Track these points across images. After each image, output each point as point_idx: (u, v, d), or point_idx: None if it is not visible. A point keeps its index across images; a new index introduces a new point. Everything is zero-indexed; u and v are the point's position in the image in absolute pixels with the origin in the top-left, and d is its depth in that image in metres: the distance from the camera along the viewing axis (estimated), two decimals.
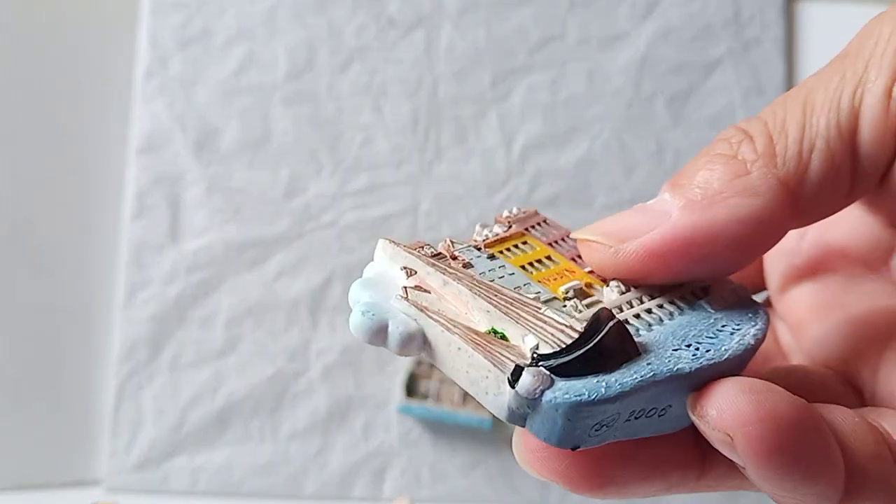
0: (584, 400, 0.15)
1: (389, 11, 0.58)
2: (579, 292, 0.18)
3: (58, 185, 0.56)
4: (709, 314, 0.18)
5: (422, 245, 0.20)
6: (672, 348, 0.17)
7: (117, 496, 0.54)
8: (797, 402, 0.15)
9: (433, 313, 0.17)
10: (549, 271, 0.19)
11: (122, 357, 0.55)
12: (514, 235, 0.20)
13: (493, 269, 0.19)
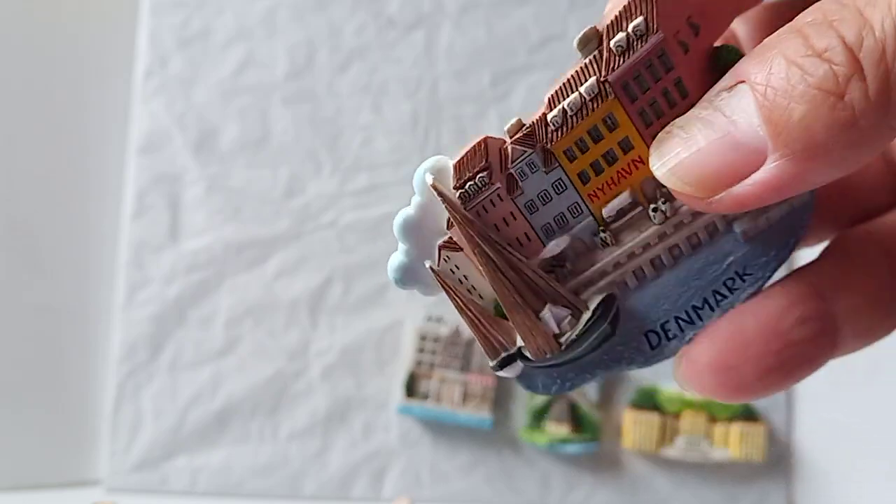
0: (538, 392, 0.19)
1: (389, 11, 0.58)
2: (621, 213, 0.18)
3: (58, 186, 0.56)
4: (733, 248, 0.18)
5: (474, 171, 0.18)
6: (645, 329, 0.19)
7: (117, 496, 0.54)
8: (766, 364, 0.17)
9: (453, 288, 0.19)
10: (609, 171, 0.18)
11: (121, 357, 0.55)
12: (598, 110, 0.18)
13: (544, 191, 0.18)
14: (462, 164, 0.19)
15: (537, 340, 0.19)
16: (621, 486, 0.56)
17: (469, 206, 0.19)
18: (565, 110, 0.18)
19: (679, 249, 0.18)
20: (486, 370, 0.55)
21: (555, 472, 0.56)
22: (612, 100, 0.17)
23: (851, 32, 0.14)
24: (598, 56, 0.17)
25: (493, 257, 0.18)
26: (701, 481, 0.56)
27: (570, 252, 0.19)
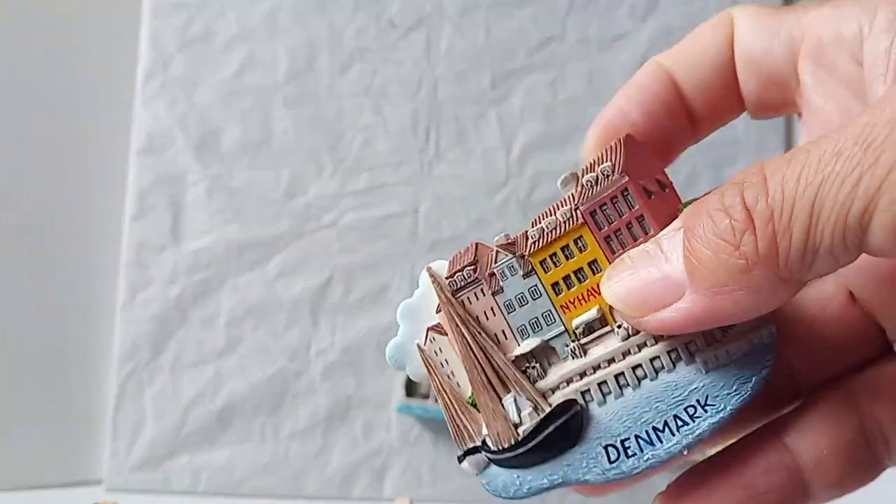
0: (499, 493, 0.21)
1: (390, 13, 0.58)
2: (590, 328, 0.21)
3: (59, 186, 0.56)
4: (695, 377, 0.19)
5: (463, 265, 0.22)
6: (606, 442, 0.20)
7: (118, 496, 0.54)
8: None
9: (434, 368, 0.22)
10: (580, 288, 0.21)
11: (122, 357, 0.55)
12: (570, 231, 0.21)
13: (521, 294, 0.21)
14: (455, 258, 0.22)
15: (497, 426, 0.21)
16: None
17: (456, 295, 0.22)
18: (543, 228, 0.21)
19: (643, 370, 0.20)
20: None
21: None
22: (581, 224, 0.20)
23: (751, 194, 0.16)
24: (574, 191, 0.21)
25: (469, 340, 0.21)
26: None
27: (541, 355, 0.21)
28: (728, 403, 0.19)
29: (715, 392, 0.19)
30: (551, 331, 0.21)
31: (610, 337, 0.20)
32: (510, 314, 0.21)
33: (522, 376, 0.21)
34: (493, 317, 0.22)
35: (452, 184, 0.57)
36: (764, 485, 0.18)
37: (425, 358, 0.22)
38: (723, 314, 0.17)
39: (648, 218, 0.20)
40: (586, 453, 0.20)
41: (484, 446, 0.21)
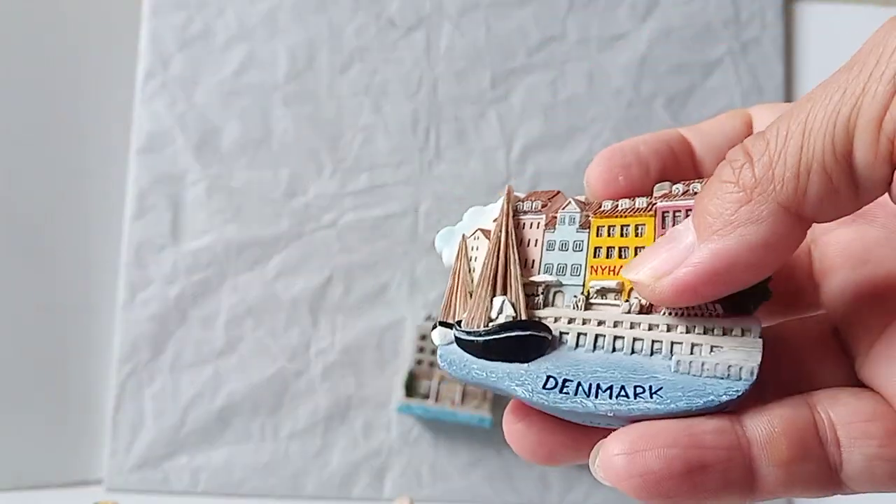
0: (445, 367, 0.23)
1: (389, 12, 0.58)
2: (602, 293, 0.22)
3: (59, 186, 0.56)
4: (662, 371, 0.20)
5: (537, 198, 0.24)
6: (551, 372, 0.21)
7: (118, 495, 0.54)
8: (671, 454, 0.18)
9: (462, 256, 0.24)
10: (614, 261, 0.22)
11: (122, 357, 0.55)
12: (637, 216, 0.22)
13: (566, 241, 0.23)
14: (534, 193, 0.25)
15: (476, 312, 0.23)
16: None
17: (516, 215, 0.24)
18: (617, 205, 0.23)
19: (622, 343, 0.21)
20: None
21: (554, 472, 0.56)
22: (651, 216, 0.22)
23: (750, 141, 0.18)
24: (662, 191, 0.22)
25: (501, 245, 0.23)
26: None
27: (550, 291, 0.23)
28: (675, 404, 0.19)
29: (670, 390, 0.20)
30: (571, 280, 0.23)
31: (614, 308, 0.22)
32: (547, 251, 0.23)
33: (523, 292, 0.23)
34: (533, 247, 0.24)
35: (452, 183, 0.57)
36: (711, 441, 0.18)
37: (462, 245, 0.24)
38: (730, 256, 0.18)
39: None
40: (530, 371, 0.21)
41: (457, 325, 0.23)
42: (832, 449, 0.18)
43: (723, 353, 0.20)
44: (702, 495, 0.18)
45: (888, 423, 0.18)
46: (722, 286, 0.18)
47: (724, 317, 0.20)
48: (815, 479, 0.18)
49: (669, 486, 0.18)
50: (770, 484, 0.18)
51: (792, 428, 0.18)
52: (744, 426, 0.19)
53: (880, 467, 0.18)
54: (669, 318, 0.21)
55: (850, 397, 0.19)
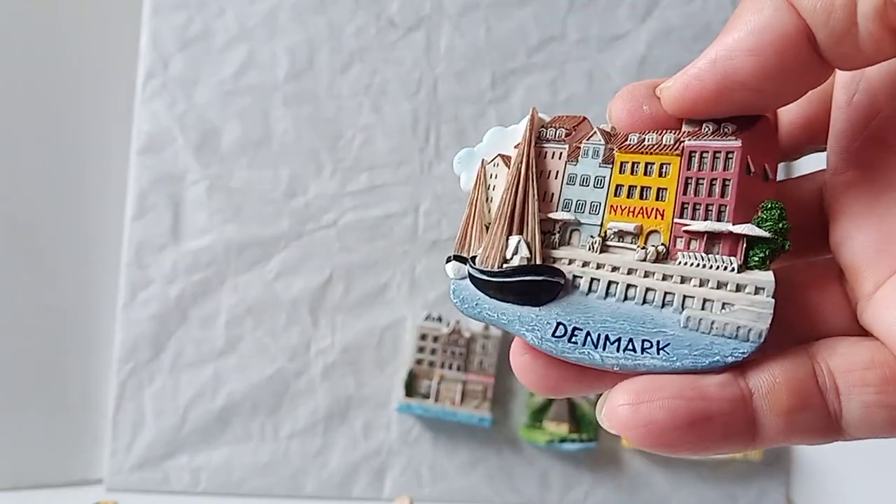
0: (457, 303, 0.22)
1: (389, 12, 0.58)
2: (620, 235, 0.22)
3: (59, 186, 0.56)
4: (671, 325, 0.20)
5: (562, 125, 0.23)
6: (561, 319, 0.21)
7: (118, 495, 0.54)
8: (675, 406, 0.18)
9: (480, 184, 0.23)
10: (635, 202, 0.22)
11: (123, 357, 0.55)
12: (663, 154, 0.22)
13: (587, 176, 0.23)
14: (559, 118, 0.24)
15: (491, 251, 0.22)
16: (620, 484, 0.57)
17: (538, 143, 0.23)
18: (644, 139, 0.22)
19: (634, 292, 0.21)
20: (485, 369, 0.56)
21: (554, 471, 0.56)
22: (677, 155, 0.21)
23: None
24: (692, 128, 0.21)
25: (521, 178, 0.23)
26: (700, 480, 0.57)
27: (567, 230, 0.22)
28: (680, 360, 0.20)
29: (677, 347, 0.20)
30: (589, 219, 0.22)
31: (630, 253, 0.21)
32: (567, 185, 0.23)
33: (540, 232, 0.22)
34: (553, 179, 0.23)
35: (452, 183, 0.57)
36: (715, 393, 0.19)
37: (481, 172, 0.23)
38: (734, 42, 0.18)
39: (733, 186, 0.20)
40: (541, 317, 0.21)
41: (472, 260, 0.22)
42: (832, 397, 0.19)
43: (734, 311, 0.20)
44: (704, 445, 0.19)
45: (885, 370, 0.19)
46: (725, 77, 0.19)
47: (738, 271, 0.20)
48: (815, 427, 0.19)
49: (673, 436, 0.18)
50: (771, 433, 0.19)
51: (792, 378, 0.19)
52: (746, 377, 0.19)
53: (878, 414, 0.18)
54: (684, 269, 0.20)
55: (849, 346, 0.19)
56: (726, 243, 0.20)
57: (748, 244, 0.20)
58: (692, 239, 0.21)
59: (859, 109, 0.20)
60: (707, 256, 0.20)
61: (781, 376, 0.19)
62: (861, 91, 0.20)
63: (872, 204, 0.20)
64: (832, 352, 0.19)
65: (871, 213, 0.20)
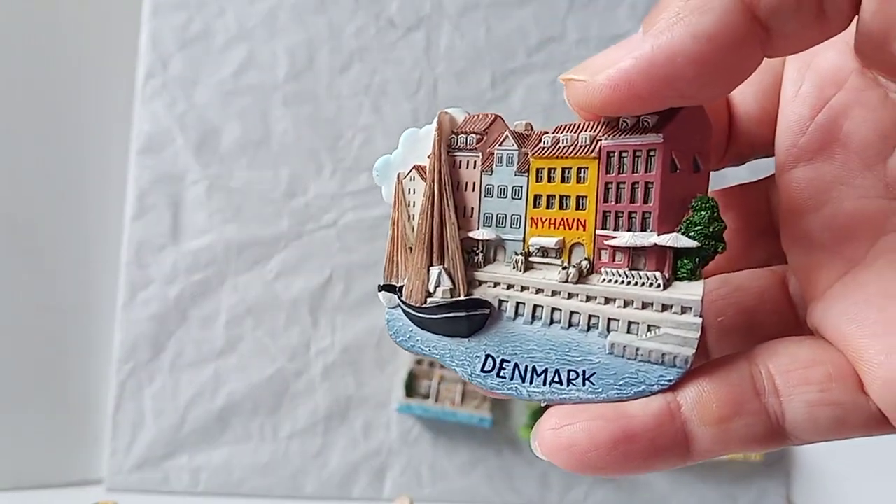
0: (391, 334, 0.22)
1: (389, 12, 0.58)
2: (543, 252, 0.21)
3: (59, 186, 0.56)
4: (597, 351, 0.20)
5: (472, 129, 0.22)
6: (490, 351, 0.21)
7: (118, 495, 0.54)
8: (595, 427, 0.18)
9: (400, 202, 0.22)
10: (555, 213, 0.21)
11: (122, 357, 0.55)
12: (580, 157, 0.20)
13: (504, 187, 0.21)
14: (470, 119, 0.22)
15: (414, 283, 0.22)
16: (620, 484, 0.57)
17: (451, 152, 0.22)
18: (559, 140, 0.20)
19: (560, 315, 0.20)
20: None
21: (554, 471, 0.56)
22: (594, 158, 0.20)
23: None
24: (609, 123, 0.19)
25: (435, 198, 0.21)
26: (699, 480, 0.57)
27: (491, 248, 0.21)
28: (605, 392, 0.19)
29: (602, 376, 0.19)
30: (510, 234, 0.21)
31: (553, 270, 0.21)
32: (485, 197, 0.22)
33: (461, 256, 0.21)
34: (470, 191, 0.22)
35: None
36: (636, 410, 0.18)
37: (398, 189, 0.22)
38: (672, 46, 0.16)
39: (656, 190, 0.19)
40: (470, 350, 0.21)
41: (400, 290, 0.22)
42: (771, 400, 0.18)
43: (659, 335, 0.19)
44: (633, 463, 0.18)
45: (829, 367, 0.18)
46: (660, 82, 0.17)
47: (665, 289, 0.19)
48: (754, 433, 0.18)
49: (596, 457, 0.18)
50: (706, 444, 0.18)
51: (723, 386, 0.18)
52: (674, 390, 0.18)
53: (822, 412, 0.18)
54: (608, 288, 0.19)
55: (790, 346, 0.19)
56: (652, 256, 0.19)
57: (676, 254, 0.19)
58: (616, 251, 0.20)
59: (807, 101, 0.19)
60: (631, 273, 0.19)
61: (710, 385, 0.18)
62: (808, 82, 0.20)
63: (821, 200, 0.19)
64: (772, 353, 0.19)
65: (820, 210, 0.19)
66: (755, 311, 0.22)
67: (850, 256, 0.19)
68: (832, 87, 0.19)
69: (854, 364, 0.18)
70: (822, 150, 0.19)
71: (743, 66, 0.17)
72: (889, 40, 0.16)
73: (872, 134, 0.19)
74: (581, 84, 0.18)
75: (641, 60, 0.17)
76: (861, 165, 0.19)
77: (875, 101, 0.19)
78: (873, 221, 0.19)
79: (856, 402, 0.17)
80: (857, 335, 0.18)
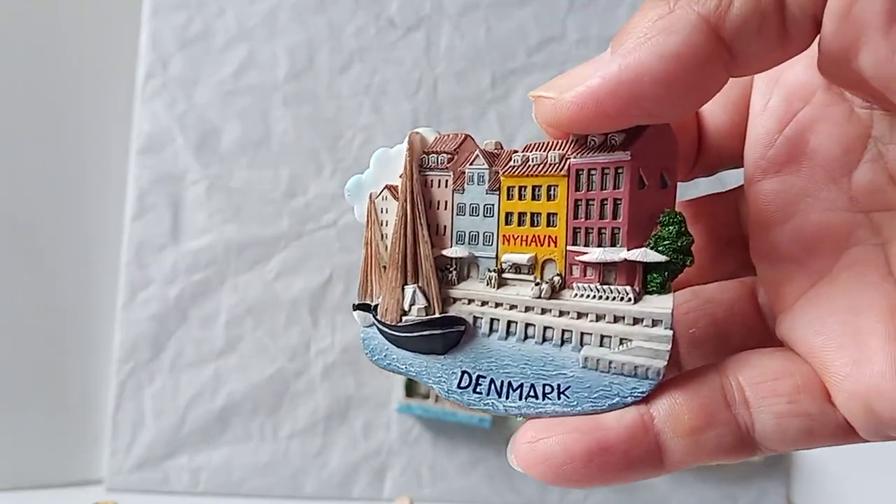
0: (367, 353, 0.22)
1: (389, 12, 0.58)
2: (515, 268, 0.21)
3: (59, 186, 0.56)
4: (571, 365, 0.20)
5: (442, 150, 0.22)
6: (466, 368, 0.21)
7: (118, 495, 0.54)
8: (570, 440, 0.18)
9: (373, 222, 0.23)
10: (526, 230, 0.21)
11: (122, 357, 0.55)
12: (549, 175, 0.21)
13: (476, 205, 0.22)
14: (441, 139, 0.22)
15: (389, 302, 0.22)
16: (620, 484, 0.57)
17: (422, 171, 0.22)
18: (529, 158, 0.21)
19: (534, 330, 0.21)
20: None
21: None
22: (563, 176, 0.20)
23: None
24: (578, 141, 0.20)
25: (408, 218, 0.22)
26: (699, 480, 0.57)
27: (464, 266, 0.22)
28: (580, 405, 0.19)
29: (577, 389, 0.20)
30: (483, 251, 0.22)
31: (527, 286, 0.21)
32: (457, 216, 0.22)
33: (435, 275, 0.22)
34: (442, 210, 0.22)
35: None
36: (611, 422, 0.18)
37: (370, 209, 0.23)
38: (639, 65, 0.17)
39: (624, 206, 0.19)
40: (446, 367, 0.21)
41: (374, 310, 0.22)
42: (741, 411, 0.18)
43: (631, 349, 0.19)
44: (608, 475, 0.18)
45: (797, 379, 0.18)
46: (627, 101, 0.17)
47: (636, 302, 0.19)
48: (725, 443, 0.18)
49: (572, 469, 0.18)
50: (679, 455, 0.18)
51: (695, 398, 0.18)
52: (647, 403, 0.19)
53: (791, 424, 0.18)
54: (580, 303, 0.20)
55: (759, 358, 0.19)
56: (622, 271, 0.20)
57: (646, 268, 0.19)
58: (588, 267, 0.20)
59: (774, 115, 0.20)
60: (602, 288, 0.20)
61: (682, 397, 0.19)
62: (776, 96, 0.20)
63: (788, 212, 0.20)
64: (742, 365, 0.19)
65: (787, 223, 0.20)
66: (725, 323, 0.22)
67: (817, 269, 0.19)
68: (799, 101, 0.19)
69: (821, 376, 0.18)
70: (790, 163, 0.20)
71: (707, 86, 0.18)
72: (849, 58, 0.16)
73: (837, 148, 0.19)
74: (549, 101, 0.19)
75: (609, 79, 0.17)
76: (826, 179, 0.19)
77: (840, 116, 0.19)
78: (839, 234, 0.19)
79: (823, 412, 0.18)
80: (824, 347, 0.18)
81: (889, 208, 0.19)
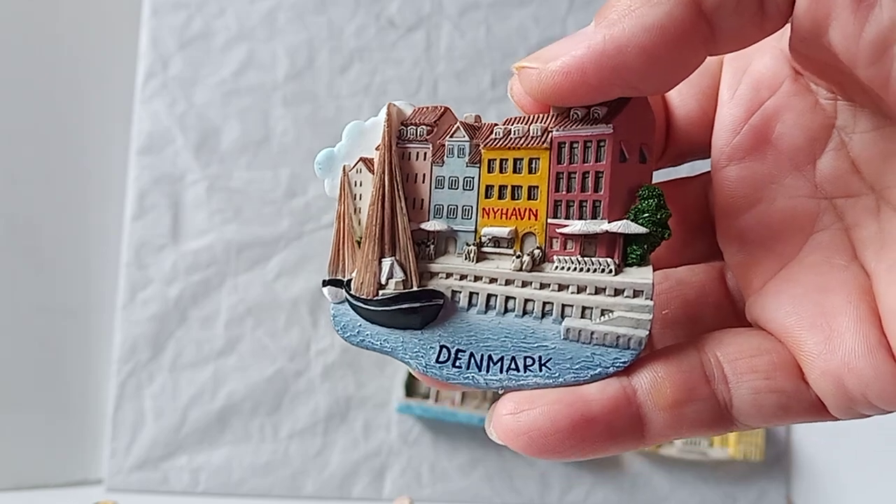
0: (338, 330, 0.22)
1: (389, 12, 0.58)
2: (495, 242, 0.21)
3: (59, 186, 0.56)
4: (552, 337, 0.20)
5: (422, 121, 0.22)
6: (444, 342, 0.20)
7: (118, 495, 0.54)
8: (554, 410, 0.18)
9: (346, 195, 0.22)
10: (507, 203, 0.21)
11: (122, 357, 0.55)
12: (531, 149, 0.20)
13: (455, 178, 0.21)
14: (419, 111, 0.22)
15: (364, 276, 0.21)
16: (620, 484, 0.57)
17: (400, 143, 0.22)
18: (511, 131, 0.21)
19: (514, 304, 0.20)
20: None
21: (554, 471, 0.56)
22: (545, 149, 0.20)
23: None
24: (560, 114, 0.20)
25: (385, 190, 0.21)
26: (700, 480, 0.57)
27: (442, 240, 0.21)
28: (562, 376, 0.19)
29: (558, 361, 0.20)
30: (462, 225, 0.21)
31: (506, 260, 0.21)
32: (436, 189, 0.22)
33: (413, 249, 0.21)
34: (421, 183, 0.22)
35: None
36: (595, 394, 0.19)
37: (344, 181, 0.22)
38: (623, 37, 0.17)
39: (606, 179, 0.20)
40: (424, 342, 0.21)
41: (347, 285, 0.22)
42: (720, 386, 0.19)
43: (613, 319, 0.19)
44: (591, 447, 0.19)
45: (773, 356, 0.19)
46: (611, 71, 0.18)
47: (617, 274, 0.19)
48: (704, 418, 0.19)
49: (556, 440, 0.18)
50: (659, 427, 0.19)
51: (676, 372, 0.19)
52: (629, 375, 0.19)
53: (767, 399, 0.18)
54: (561, 275, 0.20)
55: (736, 336, 0.19)
56: (603, 243, 0.20)
57: (626, 240, 0.20)
58: (568, 239, 0.20)
59: (742, 103, 0.20)
60: (583, 260, 0.20)
61: (664, 371, 0.19)
62: (743, 85, 0.20)
63: (754, 198, 0.20)
64: (720, 342, 0.19)
65: (753, 208, 0.20)
66: (697, 304, 0.22)
67: (784, 253, 0.20)
68: (767, 91, 0.20)
69: (794, 355, 0.19)
70: (755, 150, 0.20)
71: (687, 61, 0.18)
72: (820, 34, 0.17)
73: (802, 137, 0.19)
74: (534, 71, 0.19)
75: (594, 49, 0.18)
76: (791, 166, 0.20)
77: (806, 107, 0.20)
78: (804, 219, 0.20)
79: (798, 390, 0.18)
80: (796, 327, 0.19)
81: (851, 195, 0.19)
